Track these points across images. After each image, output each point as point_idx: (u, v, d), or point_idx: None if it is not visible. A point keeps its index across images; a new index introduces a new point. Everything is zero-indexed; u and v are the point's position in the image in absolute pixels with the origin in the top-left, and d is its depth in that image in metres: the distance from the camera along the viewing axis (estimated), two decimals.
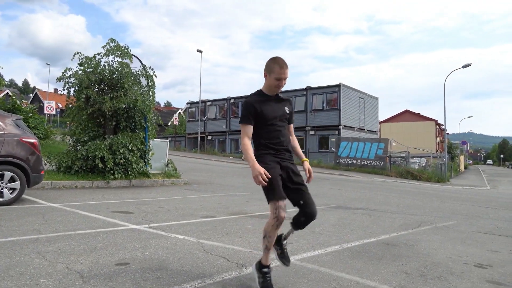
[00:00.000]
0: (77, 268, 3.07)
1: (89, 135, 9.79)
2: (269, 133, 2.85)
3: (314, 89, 29.65)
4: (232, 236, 4.57)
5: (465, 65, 25.17)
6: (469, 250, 4.58)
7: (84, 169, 9.30)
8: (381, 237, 4.99)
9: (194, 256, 3.57)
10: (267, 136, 2.85)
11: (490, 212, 8.92)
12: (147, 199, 7.40)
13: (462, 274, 3.54)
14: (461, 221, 6.99)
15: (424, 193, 13.34)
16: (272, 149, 2.84)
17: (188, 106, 39.94)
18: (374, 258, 3.90)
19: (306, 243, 4.38)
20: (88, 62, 10.00)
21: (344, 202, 8.80)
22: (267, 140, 2.85)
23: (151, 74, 10.86)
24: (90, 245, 3.81)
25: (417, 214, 7.57)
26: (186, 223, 5.21)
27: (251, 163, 2.68)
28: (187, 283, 2.85)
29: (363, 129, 30.87)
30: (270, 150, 2.83)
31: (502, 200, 13.08)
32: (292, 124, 3.08)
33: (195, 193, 8.76)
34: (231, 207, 6.90)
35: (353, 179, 18.36)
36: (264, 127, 2.85)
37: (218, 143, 35.68)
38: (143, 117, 10.29)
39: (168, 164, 11.43)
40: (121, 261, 3.30)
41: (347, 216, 6.62)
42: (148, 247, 3.84)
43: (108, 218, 5.26)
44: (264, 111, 2.83)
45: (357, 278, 3.21)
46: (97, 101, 9.57)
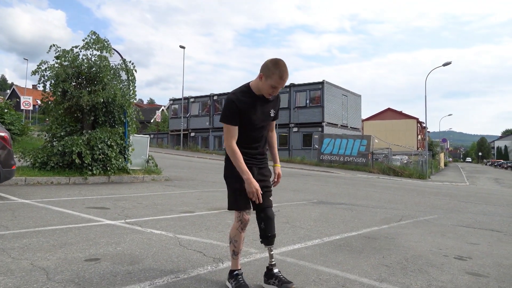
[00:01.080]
0: (42, 264, 2.89)
1: (66, 130, 9.48)
2: (249, 139, 2.64)
3: (298, 86, 29.66)
4: (210, 230, 4.45)
5: (446, 63, 25.57)
6: (449, 243, 4.57)
7: (60, 165, 9.00)
8: (362, 231, 4.95)
9: (169, 251, 3.44)
10: (245, 141, 2.64)
11: (469, 206, 9.03)
12: (126, 195, 7.20)
13: (442, 266, 3.51)
14: (442, 215, 7.03)
15: (405, 188, 13.46)
16: (246, 154, 2.63)
17: (171, 103, 39.48)
18: (354, 252, 3.84)
19: (286, 237, 4.29)
20: (65, 55, 9.68)
21: (326, 197, 8.77)
22: (245, 145, 2.63)
23: (131, 69, 10.61)
24: (60, 241, 3.62)
25: (398, 208, 7.59)
26: (164, 218, 5.06)
27: (246, 176, 2.51)
28: (159, 278, 2.71)
29: (346, 126, 31.07)
30: (244, 156, 2.60)
31: (480, 195, 13.31)
32: (275, 120, 2.86)
33: (176, 189, 8.59)
34: (212, 203, 6.77)
35: (336, 175, 18.42)
36: (245, 131, 2.62)
37: (201, 140, 35.38)
38: (122, 112, 10.03)
39: (149, 160, 11.20)
40: (91, 257, 3.14)
41: (329, 211, 6.57)
42: (121, 242, 3.68)
43: (82, 214, 5.06)
44: (249, 116, 2.58)
45: (337, 271, 3.13)
46: (74, 95, 9.28)
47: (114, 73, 10.22)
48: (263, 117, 2.66)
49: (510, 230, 5.88)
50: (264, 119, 2.67)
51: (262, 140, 2.75)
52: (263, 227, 2.67)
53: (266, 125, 2.72)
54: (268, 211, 2.68)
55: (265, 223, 2.66)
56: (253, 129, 2.64)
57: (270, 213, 2.69)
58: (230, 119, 2.55)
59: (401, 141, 38.95)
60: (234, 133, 2.57)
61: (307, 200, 7.89)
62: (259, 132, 2.68)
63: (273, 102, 2.72)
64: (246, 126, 2.60)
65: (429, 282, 3.00)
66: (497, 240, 5.02)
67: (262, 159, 2.75)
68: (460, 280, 3.11)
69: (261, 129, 2.69)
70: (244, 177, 2.52)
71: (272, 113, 2.73)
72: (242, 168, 2.52)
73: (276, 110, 2.76)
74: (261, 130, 2.70)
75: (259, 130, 2.67)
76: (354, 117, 33.33)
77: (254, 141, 2.68)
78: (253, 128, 2.64)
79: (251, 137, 2.65)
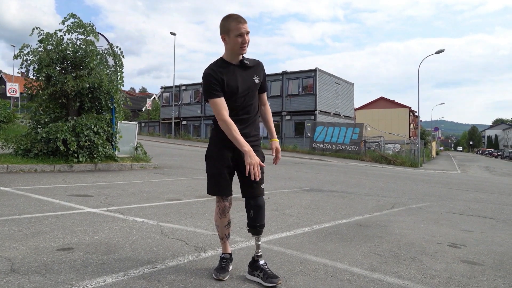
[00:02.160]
0: (9, 255, 2.68)
1: (50, 116, 9.17)
2: (231, 110, 2.38)
3: (290, 74, 29.36)
4: (196, 218, 4.26)
5: (439, 51, 25.44)
6: (443, 230, 4.44)
7: (44, 152, 8.72)
8: (353, 219, 4.80)
9: (149, 240, 3.24)
10: (232, 112, 2.39)
11: (461, 194, 8.95)
12: (111, 183, 6.97)
13: (436, 254, 3.36)
14: (434, 203, 6.92)
15: (397, 176, 13.38)
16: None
17: (162, 91, 38.96)
18: (345, 240, 3.68)
19: (275, 225, 4.12)
20: (49, 39, 9.33)
21: (317, 185, 8.62)
22: (232, 117, 2.38)
23: (119, 54, 10.28)
24: (33, 229, 3.41)
25: (390, 196, 7.46)
26: (149, 206, 4.86)
27: (246, 148, 2.29)
28: (134, 268, 2.52)
29: (339, 115, 30.94)
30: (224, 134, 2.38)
31: (472, 182, 13.29)
32: (266, 92, 2.65)
33: (164, 177, 8.38)
34: (200, 190, 6.57)
35: (328, 163, 18.32)
36: (229, 102, 2.39)
37: (192, 128, 35.04)
38: (109, 98, 9.73)
39: (138, 147, 10.94)
40: (64, 246, 2.94)
41: (320, 198, 6.42)
42: (100, 230, 3.48)
43: (63, 202, 4.84)
44: (226, 83, 2.37)
45: (326, 260, 2.97)
46: (59, 80, 8.96)
47: (101, 58, 9.90)
48: (246, 84, 2.44)
49: (503, 217, 5.78)
50: (248, 86, 2.45)
51: (251, 113, 2.50)
52: (252, 216, 2.48)
53: (251, 93, 2.49)
54: (258, 199, 2.48)
55: (254, 211, 2.47)
56: (233, 98, 2.41)
57: (261, 202, 2.49)
58: (213, 91, 2.35)
59: (393, 130, 38.98)
60: (223, 105, 2.35)
61: (298, 188, 7.73)
62: (245, 101, 2.45)
63: (254, 68, 2.50)
64: (230, 95, 2.39)
65: (423, 271, 2.85)
66: (490, 227, 4.91)
67: (254, 139, 2.52)
68: (455, 269, 2.97)
69: (246, 98, 2.45)
70: (244, 150, 2.29)
71: (256, 79, 2.49)
72: (239, 141, 2.30)
73: (260, 77, 2.53)
74: (247, 99, 2.46)
75: (244, 98, 2.44)
76: (347, 105, 33.19)
77: (239, 112, 2.44)
78: (234, 98, 2.41)
79: (233, 108, 2.41)
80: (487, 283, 2.70)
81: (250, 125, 2.50)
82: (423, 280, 2.66)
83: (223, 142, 2.43)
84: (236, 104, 2.42)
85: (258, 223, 2.48)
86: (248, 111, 2.48)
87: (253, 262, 2.51)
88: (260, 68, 2.54)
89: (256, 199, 2.48)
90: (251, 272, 2.50)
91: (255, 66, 2.52)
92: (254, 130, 2.53)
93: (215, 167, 2.46)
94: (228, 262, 2.57)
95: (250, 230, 2.52)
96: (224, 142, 2.42)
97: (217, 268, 2.52)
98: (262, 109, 2.67)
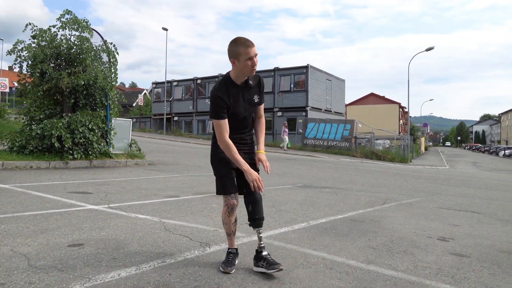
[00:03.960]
0: (23, 250, 2.80)
1: (45, 113, 9.19)
2: (232, 127, 2.61)
3: (282, 70, 29.49)
4: (196, 215, 4.40)
5: (428, 48, 25.79)
6: (432, 225, 4.65)
7: (39, 149, 8.76)
8: (347, 214, 4.99)
9: (155, 236, 3.38)
10: (232, 130, 2.62)
11: (450, 189, 9.23)
12: (108, 180, 7.06)
13: (426, 247, 3.57)
14: (424, 198, 7.16)
15: (388, 172, 13.67)
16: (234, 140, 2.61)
17: (154, 86, 38.79)
18: (341, 235, 3.86)
19: (273, 221, 4.28)
20: (42, 35, 9.31)
21: (311, 181, 8.81)
22: (232, 134, 2.61)
23: (113, 50, 10.30)
24: (40, 226, 3.52)
25: (382, 192, 7.69)
26: (149, 203, 4.98)
27: (245, 167, 2.54)
28: (145, 263, 2.66)
29: (330, 111, 31.21)
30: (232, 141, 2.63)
31: (460, 178, 13.64)
32: (262, 104, 2.82)
33: (160, 174, 8.48)
34: (197, 187, 6.71)
35: (320, 159, 18.56)
36: (231, 122, 2.61)
37: (184, 124, 35.02)
38: (104, 95, 9.77)
39: (132, 144, 11.00)
40: (74, 243, 3.06)
41: (314, 195, 6.60)
42: (105, 227, 3.60)
43: (63, 199, 4.93)
44: (234, 107, 2.58)
45: (324, 254, 3.14)
46: (53, 76, 8.98)
47: (95, 55, 9.91)
48: (248, 104, 2.66)
49: (489, 212, 6.04)
50: (248, 106, 2.67)
51: (249, 126, 2.76)
52: (251, 210, 2.67)
53: (251, 112, 2.72)
54: (255, 194, 2.66)
55: (252, 206, 2.66)
56: (238, 118, 2.64)
57: (257, 196, 2.67)
58: (220, 113, 2.53)
59: (383, 126, 39.45)
60: (225, 127, 2.56)
61: (292, 184, 7.91)
62: (245, 120, 2.69)
63: (255, 88, 2.69)
64: (232, 117, 2.60)
65: (415, 263, 3.04)
66: (477, 221, 5.15)
67: (250, 144, 2.77)
68: (444, 261, 3.17)
69: (246, 117, 2.70)
70: (243, 169, 2.53)
71: (256, 98, 2.70)
72: (238, 161, 2.54)
73: (260, 94, 2.73)
74: (247, 118, 2.71)
75: (244, 118, 2.68)
76: (338, 101, 33.47)
77: (239, 128, 2.69)
78: (238, 118, 2.64)
79: (237, 126, 2.66)
80: (474, 273, 2.90)
81: (247, 136, 2.77)
82: (415, 272, 2.85)
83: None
84: (238, 123, 2.66)
85: (257, 216, 2.66)
86: (246, 126, 2.73)
87: (257, 254, 2.68)
88: (260, 85, 2.73)
89: (253, 194, 2.67)
90: (256, 264, 2.67)
91: (256, 84, 2.70)
92: (250, 138, 2.78)
93: (223, 168, 2.64)
94: (234, 256, 2.73)
95: (251, 223, 2.70)
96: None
97: (224, 262, 2.69)
98: (256, 121, 2.84)
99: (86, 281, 2.28)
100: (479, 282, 2.72)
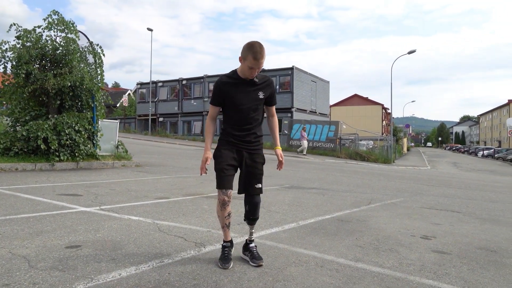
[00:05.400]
0: (22, 252, 2.85)
1: (31, 114, 9.12)
2: (235, 120, 2.79)
3: (267, 72, 29.65)
4: (188, 216, 4.49)
5: (411, 51, 26.38)
6: (415, 224, 4.85)
7: (25, 151, 8.68)
8: (335, 214, 5.15)
9: (150, 237, 3.46)
10: (232, 122, 2.81)
11: (431, 189, 9.53)
12: (97, 181, 7.07)
13: (410, 245, 3.75)
14: (407, 198, 7.40)
15: (372, 173, 13.97)
16: (233, 136, 2.81)
17: (138, 87, 38.47)
18: (329, 234, 4.01)
19: (264, 222, 4.41)
20: (27, 36, 9.23)
21: (297, 182, 8.98)
22: (232, 126, 2.82)
23: (99, 52, 10.27)
24: (35, 228, 3.56)
25: (367, 192, 7.91)
26: (140, 205, 5.04)
27: (205, 151, 2.81)
28: (144, 263, 2.75)
29: (315, 112, 31.56)
30: (230, 138, 2.81)
31: (441, 178, 14.05)
32: (274, 105, 3.01)
33: (148, 175, 8.51)
34: (186, 188, 6.78)
35: (305, 160, 18.79)
36: (231, 112, 2.79)
37: (170, 125, 34.86)
38: (90, 96, 9.73)
39: (119, 145, 10.98)
40: (72, 244, 3.12)
41: (302, 196, 6.76)
42: (100, 229, 3.66)
43: (54, 201, 4.95)
44: (232, 95, 2.74)
45: (314, 253, 3.28)
46: (38, 78, 8.91)
47: (81, 56, 9.87)
48: (249, 98, 2.77)
49: (468, 211, 6.30)
50: (250, 100, 2.78)
51: (253, 123, 2.84)
52: (248, 210, 2.91)
53: (254, 107, 2.81)
54: (254, 198, 2.87)
55: (250, 207, 2.89)
56: (237, 110, 2.77)
57: (256, 200, 2.89)
58: (212, 99, 2.83)
59: (367, 127, 40.08)
60: (213, 113, 2.86)
61: (279, 185, 8.05)
62: (245, 114, 2.78)
63: (262, 85, 2.83)
64: (231, 106, 2.78)
65: (400, 261, 3.21)
66: (457, 220, 5.38)
67: (255, 144, 2.88)
68: (427, 258, 3.35)
69: (247, 111, 2.79)
70: (205, 154, 2.80)
71: (261, 95, 2.82)
72: (206, 144, 2.83)
73: (267, 93, 2.86)
74: (248, 112, 2.79)
75: (245, 111, 2.78)
76: (323, 103, 33.87)
77: (242, 123, 2.80)
78: (238, 109, 2.77)
79: (238, 118, 2.79)
80: (454, 269, 3.09)
81: (252, 134, 2.86)
82: (400, 268, 3.02)
83: (228, 144, 2.83)
84: (241, 115, 2.78)
85: (252, 216, 2.93)
86: (250, 122, 2.83)
87: (246, 244, 2.99)
88: (266, 85, 2.87)
89: (252, 196, 2.88)
90: (243, 252, 2.97)
91: (263, 83, 2.84)
92: (255, 137, 2.89)
93: (219, 164, 2.80)
94: (229, 249, 2.90)
95: (246, 220, 2.98)
96: (229, 144, 2.82)
97: (220, 258, 2.85)
98: (270, 120, 3.09)
99: (88, 281, 2.36)
100: (459, 277, 2.91)
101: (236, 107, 2.75)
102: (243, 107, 2.76)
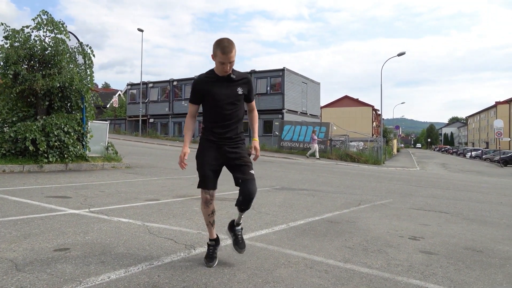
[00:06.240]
0: (9, 256, 2.82)
1: (19, 115, 9.01)
2: (215, 116, 2.82)
3: (259, 73, 29.72)
4: (178, 218, 4.48)
5: (400, 53, 26.65)
6: (404, 225, 4.91)
7: (12, 153, 8.58)
8: (324, 216, 5.19)
9: (139, 239, 3.45)
10: (212, 119, 2.84)
11: (420, 190, 9.65)
12: (86, 183, 7.01)
13: (398, 246, 3.79)
14: (396, 199, 7.48)
15: (362, 174, 14.08)
16: (214, 134, 2.83)
17: (129, 87, 38.19)
18: (319, 235, 4.04)
19: (254, 223, 4.42)
20: (15, 36, 9.12)
21: (288, 183, 9.01)
22: (212, 123, 2.85)
23: (89, 52, 10.19)
24: (23, 231, 3.52)
25: (356, 193, 7.97)
26: (130, 207, 5.02)
27: (184, 149, 2.85)
28: (133, 266, 2.74)
29: (306, 113, 31.68)
30: (211, 136, 2.84)
31: (430, 179, 14.21)
32: (253, 101, 3.04)
33: (138, 177, 8.47)
34: (176, 190, 6.77)
35: (296, 161, 18.86)
36: (210, 109, 2.83)
37: (160, 126, 34.68)
38: (80, 97, 9.65)
39: (109, 147, 10.90)
40: (60, 247, 3.10)
41: (292, 197, 6.79)
42: (89, 231, 3.64)
43: (42, 203, 4.90)
44: (211, 92, 2.78)
45: (304, 254, 3.31)
46: (27, 78, 8.81)
47: (70, 56, 9.79)
48: (227, 94, 2.80)
49: (455, 212, 6.39)
50: (228, 96, 2.80)
51: (233, 119, 2.85)
52: (241, 200, 2.84)
53: (233, 102, 2.83)
54: (248, 184, 2.80)
55: (243, 197, 2.83)
56: (216, 105, 2.80)
57: (250, 188, 2.80)
58: (191, 98, 2.89)
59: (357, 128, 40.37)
60: (192, 111, 2.92)
61: (270, 187, 8.08)
62: (224, 109, 2.80)
63: (240, 82, 2.86)
64: (210, 103, 2.81)
65: (388, 261, 3.25)
66: (445, 221, 5.46)
67: (236, 140, 2.89)
68: (415, 258, 3.40)
69: (226, 107, 2.80)
70: (183, 149, 2.83)
71: (240, 91, 2.85)
72: (184, 139, 2.89)
73: (245, 90, 2.89)
74: (227, 107, 2.81)
75: (224, 107, 2.80)
76: (313, 104, 34.01)
77: (222, 119, 2.81)
78: (216, 105, 2.80)
79: (216, 114, 2.82)
80: (441, 269, 3.14)
81: (232, 130, 2.87)
82: (389, 269, 3.05)
83: (208, 142, 2.86)
84: (220, 111, 2.80)
85: (243, 207, 2.89)
86: (230, 118, 2.84)
87: (232, 225, 3.02)
88: (244, 82, 2.89)
89: (248, 184, 2.80)
90: (229, 230, 3.04)
91: (241, 80, 2.87)
92: (236, 134, 2.89)
93: (200, 164, 2.85)
94: (214, 248, 2.92)
95: (237, 207, 2.90)
96: (209, 142, 2.85)
97: (206, 256, 2.90)
98: (250, 114, 3.13)
99: (77, 284, 2.34)
100: (445, 277, 2.96)
101: (215, 102, 2.79)
102: (222, 102, 2.79)
